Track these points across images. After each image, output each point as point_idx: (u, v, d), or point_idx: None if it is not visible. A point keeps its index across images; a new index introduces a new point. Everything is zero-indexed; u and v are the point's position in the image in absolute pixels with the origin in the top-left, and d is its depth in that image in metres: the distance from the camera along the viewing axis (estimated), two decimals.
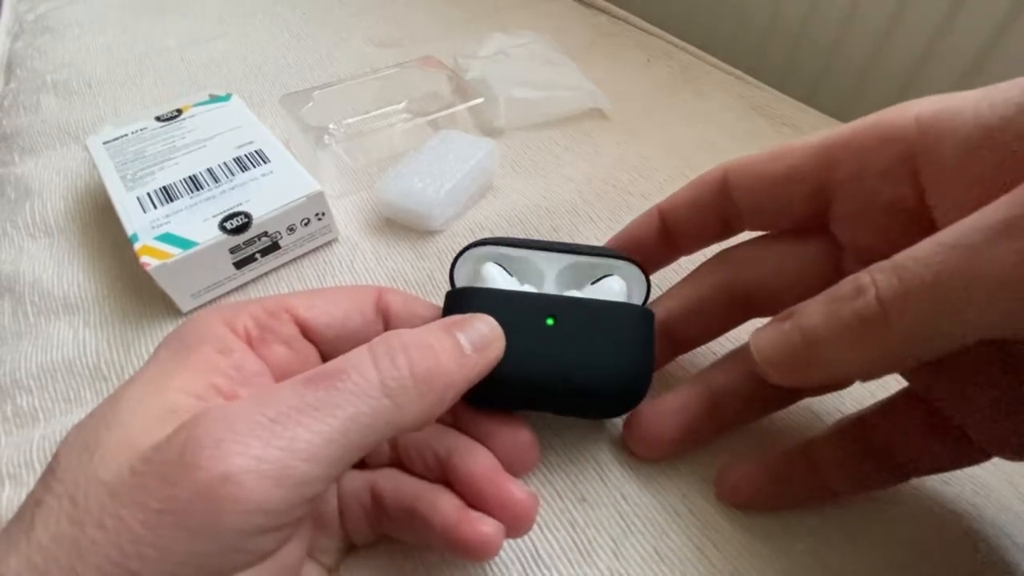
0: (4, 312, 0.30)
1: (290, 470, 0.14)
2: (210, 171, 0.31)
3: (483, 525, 0.18)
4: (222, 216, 0.28)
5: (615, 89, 0.42)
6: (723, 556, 0.21)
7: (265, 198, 0.29)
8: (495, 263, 0.23)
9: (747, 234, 0.23)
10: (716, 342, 0.25)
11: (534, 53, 0.43)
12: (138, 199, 0.29)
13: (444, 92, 0.38)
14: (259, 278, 0.31)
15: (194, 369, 0.17)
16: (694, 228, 0.23)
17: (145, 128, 0.34)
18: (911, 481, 0.21)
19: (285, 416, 0.14)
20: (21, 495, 0.19)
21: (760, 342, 0.17)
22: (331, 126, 0.35)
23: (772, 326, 0.17)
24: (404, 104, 0.38)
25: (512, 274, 0.23)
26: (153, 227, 0.28)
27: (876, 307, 0.14)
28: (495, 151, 0.35)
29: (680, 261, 0.25)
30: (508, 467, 0.19)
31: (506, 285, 0.22)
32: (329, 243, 0.33)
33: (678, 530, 0.21)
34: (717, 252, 0.23)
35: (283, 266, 0.32)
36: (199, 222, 0.28)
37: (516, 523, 0.18)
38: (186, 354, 0.17)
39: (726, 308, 0.23)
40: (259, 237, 0.29)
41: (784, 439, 0.24)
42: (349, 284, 0.31)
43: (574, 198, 0.35)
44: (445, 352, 0.17)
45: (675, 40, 0.49)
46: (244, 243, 0.29)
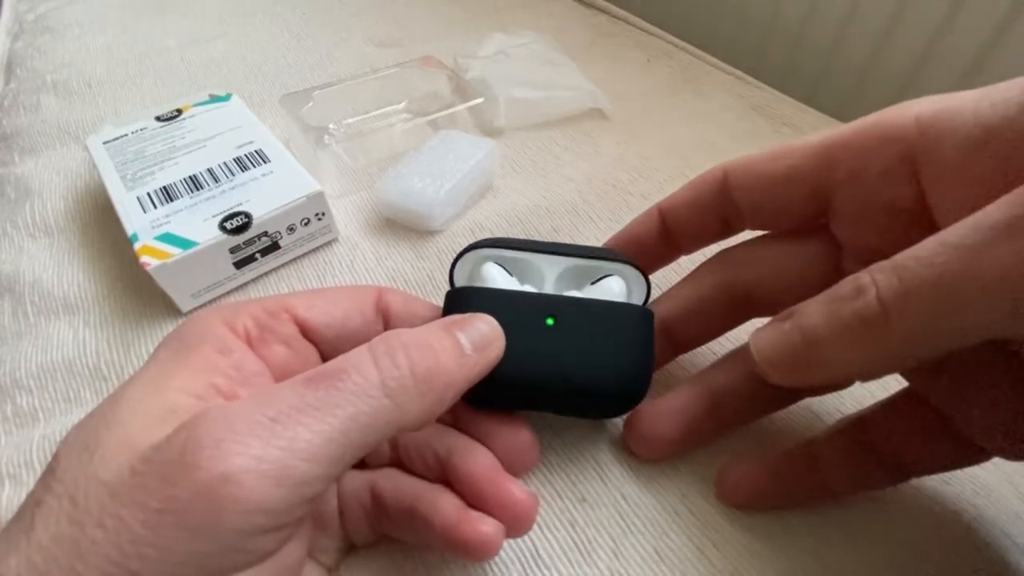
0: (4, 312, 0.30)
1: (290, 470, 0.14)
2: (210, 171, 0.31)
3: (483, 525, 0.18)
4: (222, 216, 0.28)
5: (615, 89, 0.42)
6: (723, 556, 0.21)
7: (265, 198, 0.29)
8: (495, 263, 0.23)
9: (747, 234, 0.23)
10: (716, 342, 0.25)
11: (534, 53, 0.43)
12: (138, 199, 0.29)
13: (444, 92, 0.38)
14: (259, 278, 0.31)
15: (194, 369, 0.16)
16: (694, 227, 0.23)
17: (145, 128, 0.34)
18: (911, 481, 0.21)
19: (285, 416, 0.14)
20: (21, 495, 0.19)
21: (760, 342, 0.17)
22: (331, 126, 0.35)
23: (772, 326, 0.17)
24: (404, 104, 0.38)
25: (512, 274, 0.23)
26: (153, 227, 0.28)
27: (876, 307, 0.14)
28: (495, 151, 0.35)
29: (680, 261, 0.25)
30: (508, 467, 0.19)
31: (506, 285, 0.22)
32: (329, 243, 0.33)
33: (678, 530, 0.21)
34: (717, 252, 0.23)
35: (283, 266, 0.32)
36: (199, 222, 0.28)
37: (516, 523, 0.18)
38: (186, 354, 0.17)
39: (726, 308, 0.23)
40: (259, 237, 0.29)
41: (784, 439, 0.24)
42: (349, 284, 0.31)
43: (574, 198, 0.35)
44: (445, 351, 0.17)
45: (675, 40, 0.49)
46: (244, 243, 0.29)
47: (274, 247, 0.30)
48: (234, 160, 0.31)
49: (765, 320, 0.18)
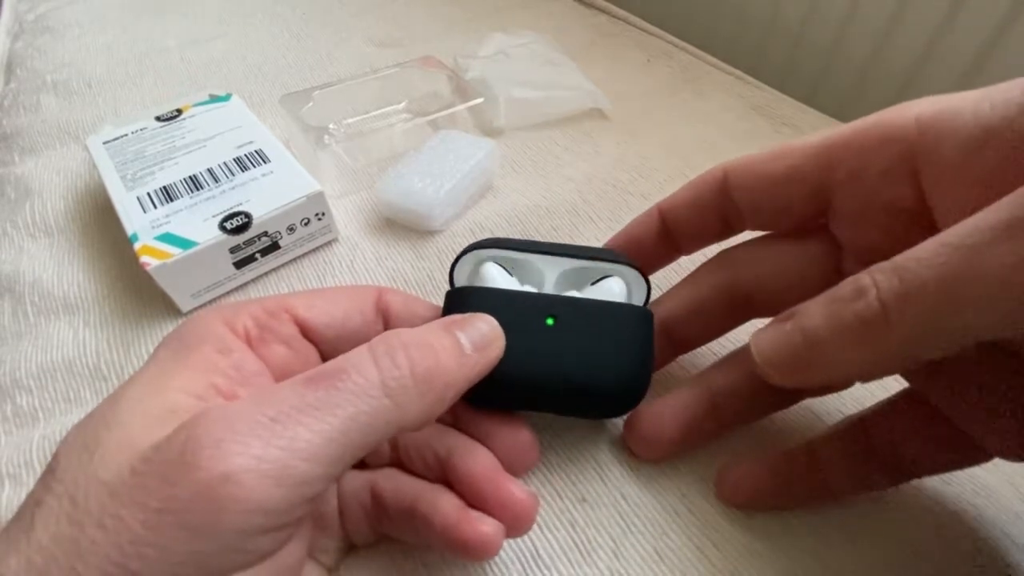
0: (4, 312, 0.30)
1: (290, 470, 0.14)
2: (210, 171, 0.31)
3: (483, 525, 0.18)
4: (222, 216, 0.28)
5: (615, 89, 0.42)
6: (723, 556, 0.21)
7: (265, 198, 0.29)
8: (495, 263, 0.23)
9: (747, 234, 0.23)
10: (716, 343, 0.25)
11: (534, 53, 0.43)
12: (138, 199, 0.29)
13: (444, 92, 0.38)
14: (259, 278, 0.31)
15: (194, 369, 0.16)
16: (694, 227, 0.23)
17: (145, 128, 0.34)
18: (911, 481, 0.21)
19: (285, 416, 0.14)
20: (21, 495, 0.19)
21: (761, 343, 0.17)
22: (331, 126, 0.35)
23: (773, 327, 0.17)
24: (404, 104, 0.38)
25: (512, 274, 0.23)
26: (153, 227, 0.28)
27: (877, 308, 0.14)
28: (495, 151, 0.35)
29: (680, 261, 0.25)
30: (508, 467, 0.19)
31: (506, 285, 0.22)
32: (329, 243, 0.33)
33: (678, 530, 0.21)
34: (717, 253, 0.23)
35: (283, 266, 0.32)
36: (199, 222, 0.28)
37: (516, 523, 0.18)
38: (186, 354, 0.17)
39: (726, 309, 0.23)
40: (259, 237, 0.29)
41: (784, 439, 0.24)
42: (349, 284, 0.31)
43: (574, 198, 0.35)
44: (445, 351, 0.17)
45: (675, 40, 0.49)
46: (244, 243, 0.29)
47: (274, 247, 0.30)
48: (234, 160, 0.31)
49: (765, 321, 0.18)
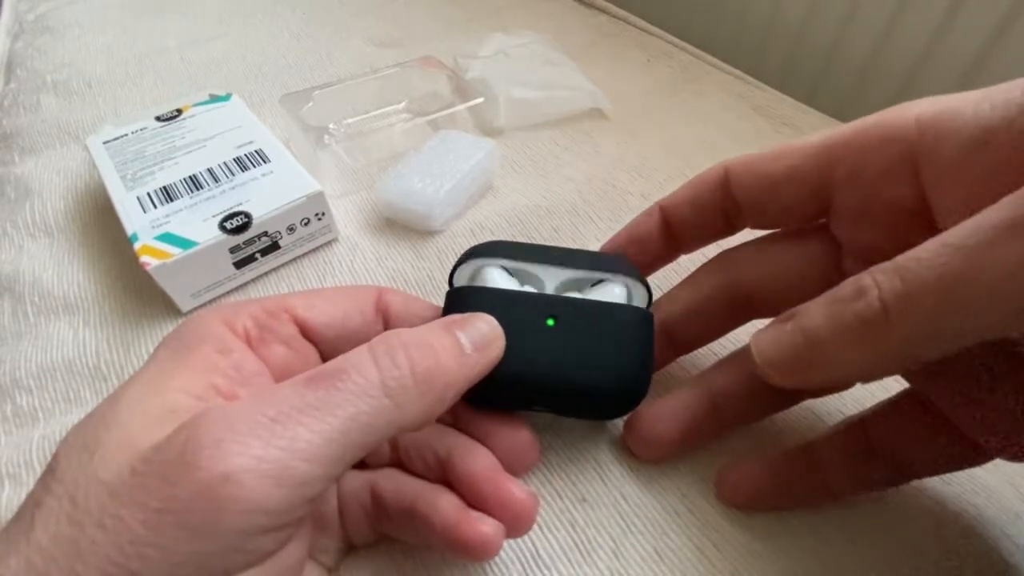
0: (4, 312, 0.30)
1: (291, 470, 0.14)
2: (210, 171, 0.31)
3: (483, 525, 0.18)
4: (222, 216, 0.28)
5: (615, 89, 0.42)
6: (723, 556, 0.21)
7: (265, 198, 0.29)
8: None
9: (747, 234, 0.23)
10: (716, 343, 0.24)
11: (534, 53, 0.43)
12: (138, 199, 0.29)
13: (444, 92, 0.38)
14: (259, 278, 0.31)
15: (194, 369, 0.16)
16: (696, 225, 0.23)
17: (145, 128, 0.34)
18: (911, 481, 0.21)
19: (285, 416, 0.14)
20: (21, 495, 0.19)
21: (761, 343, 0.17)
22: (331, 126, 0.35)
23: (773, 327, 0.17)
24: (404, 104, 0.38)
25: (512, 275, 0.23)
26: (153, 227, 0.28)
27: (878, 308, 0.14)
28: (495, 151, 0.35)
29: (680, 261, 0.25)
30: (508, 467, 0.19)
31: (506, 285, 0.22)
32: (329, 243, 0.33)
33: (678, 530, 0.21)
34: (717, 253, 0.23)
35: (283, 266, 0.32)
36: (199, 222, 0.28)
37: (516, 523, 0.18)
38: (186, 354, 0.17)
39: (726, 309, 0.23)
40: (259, 237, 0.29)
41: (784, 439, 0.24)
42: (349, 284, 0.31)
43: (574, 198, 0.35)
44: (445, 351, 0.17)
45: (675, 40, 0.49)
46: (244, 243, 0.29)
47: (274, 247, 0.30)
48: (234, 160, 0.31)
49: (765, 321, 0.18)
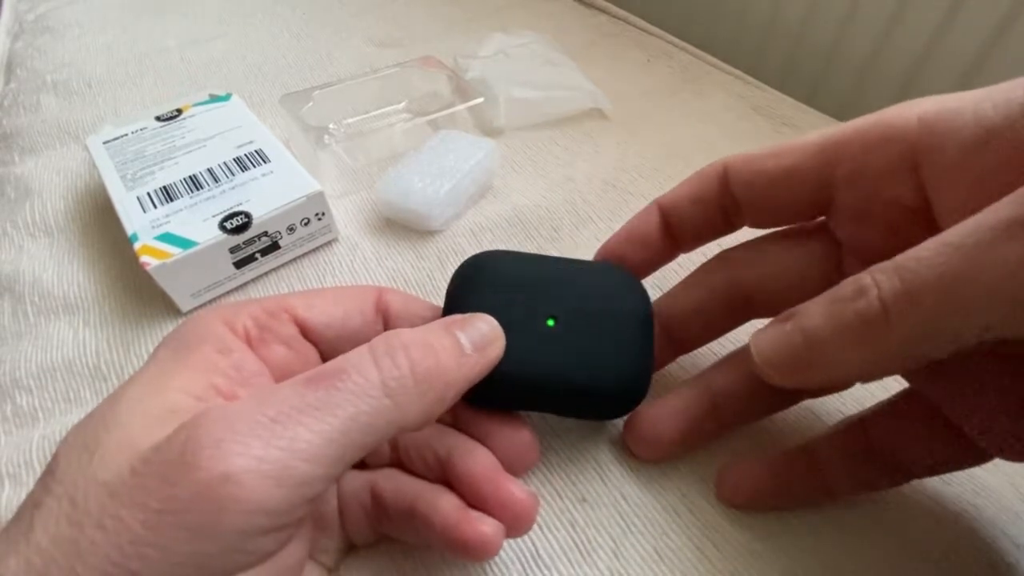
0: (4, 312, 0.30)
1: (291, 470, 0.14)
2: (210, 171, 0.31)
3: (483, 525, 0.18)
4: (222, 216, 0.28)
5: (615, 89, 0.42)
6: (723, 556, 0.21)
7: (265, 198, 0.29)
8: None
9: (747, 234, 0.23)
10: (716, 343, 0.24)
11: (534, 53, 0.43)
12: (138, 199, 0.29)
13: (444, 92, 0.38)
14: (259, 278, 0.31)
15: (194, 369, 0.16)
16: (695, 222, 0.23)
17: (145, 128, 0.34)
18: (911, 481, 0.21)
19: (286, 416, 0.14)
20: (21, 495, 0.19)
21: (760, 343, 0.17)
22: (331, 126, 0.35)
23: (772, 327, 0.17)
24: (404, 104, 0.38)
25: None
26: (153, 227, 0.28)
27: (878, 308, 0.14)
28: (495, 151, 0.35)
29: (679, 261, 0.25)
30: (508, 467, 0.19)
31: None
32: (329, 243, 0.33)
33: (678, 530, 0.21)
34: (717, 253, 0.23)
35: (283, 266, 0.32)
36: (199, 222, 0.28)
37: (516, 523, 0.18)
38: (186, 354, 0.17)
39: (726, 309, 0.23)
40: (259, 237, 0.29)
41: (784, 439, 0.24)
42: (349, 284, 0.31)
43: (574, 198, 0.35)
44: (445, 351, 0.17)
45: (675, 40, 0.49)
46: (244, 243, 0.29)
47: (274, 247, 0.30)
48: (234, 160, 0.31)
49: (765, 321, 0.18)
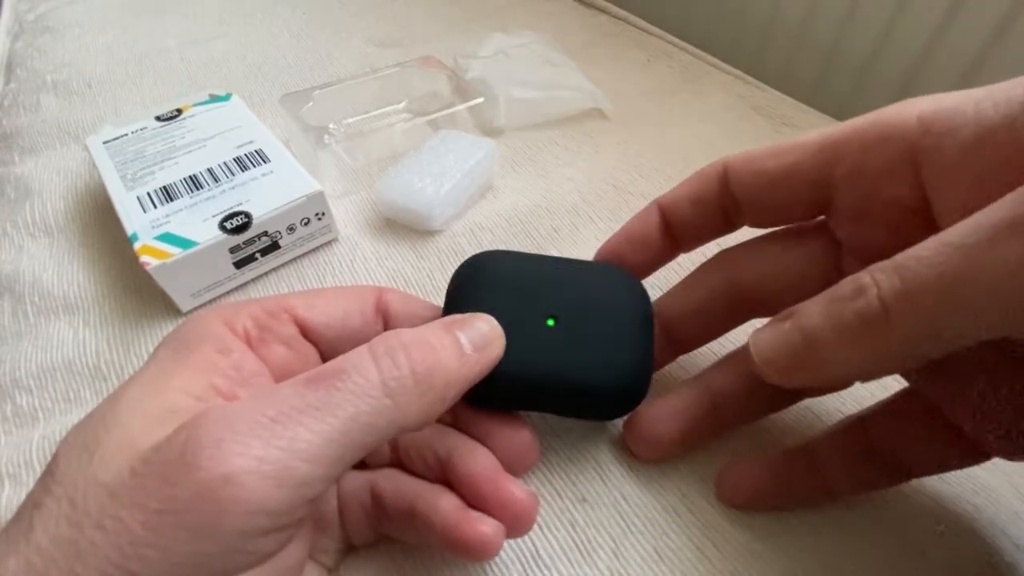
0: (4, 312, 0.30)
1: (291, 470, 0.14)
2: (210, 171, 0.31)
3: (483, 525, 0.18)
4: (222, 216, 0.28)
5: (615, 89, 0.42)
6: (723, 556, 0.21)
7: (265, 198, 0.29)
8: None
9: (747, 233, 0.23)
10: (716, 343, 0.24)
11: (534, 53, 0.43)
12: (138, 199, 0.29)
13: (444, 92, 0.38)
14: (259, 278, 0.31)
15: (194, 369, 0.16)
16: (695, 222, 0.23)
17: (145, 128, 0.34)
18: (911, 481, 0.21)
19: (286, 416, 0.14)
20: (21, 495, 0.19)
21: (759, 342, 0.17)
22: (331, 126, 0.35)
23: (771, 326, 0.17)
24: (404, 104, 0.38)
25: None
26: (153, 227, 0.28)
27: (877, 307, 0.14)
28: (495, 151, 0.35)
29: (679, 260, 0.25)
30: (508, 467, 0.19)
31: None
32: (329, 243, 0.33)
33: (678, 530, 0.21)
34: (717, 253, 0.23)
35: (283, 266, 0.32)
36: (199, 222, 0.28)
37: (516, 523, 0.18)
38: (186, 354, 0.17)
39: (726, 309, 0.23)
40: (259, 237, 0.29)
41: (784, 439, 0.24)
42: (349, 284, 0.31)
43: (574, 198, 0.35)
44: (445, 351, 0.17)
45: (675, 40, 0.49)
46: (244, 243, 0.29)
47: (274, 247, 0.30)
48: (234, 160, 0.31)
49: (765, 320, 0.18)
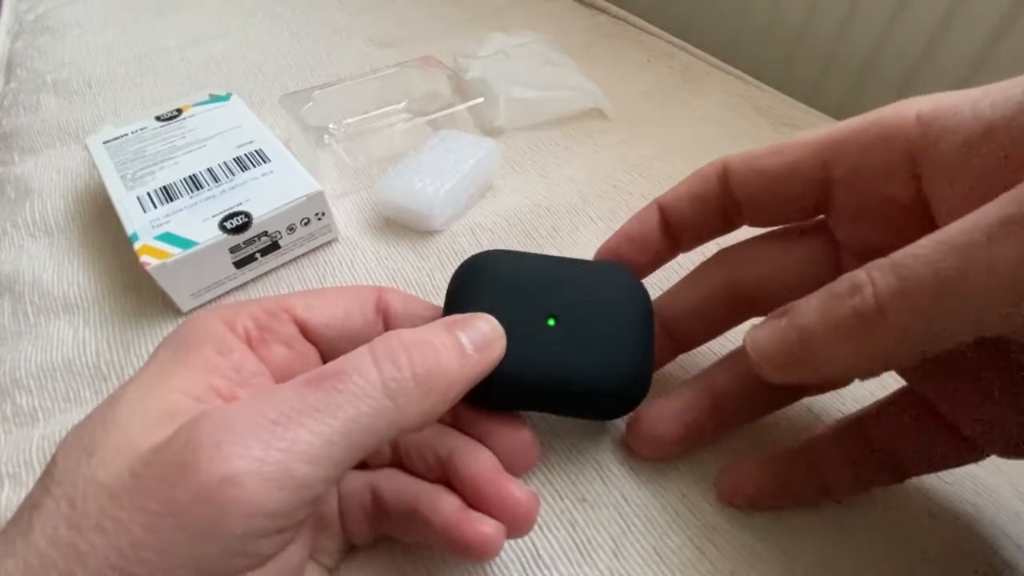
0: (4, 312, 0.30)
1: (291, 472, 0.14)
2: (210, 171, 0.31)
3: (484, 525, 0.18)
4: (222, 216, 0.28)
5: (615, 89, 0.42)
6: (723, 556, 0.21)
7: (265, 198, 0.29)
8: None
9: (746, 232, 0.23)
10: (716, 342, 0.24)
11: (534, 53, 0.43)
12: (138, 199, 0.29)
13: (444, 92, 0.38)
14: (259, 278, 0.31)
15: (193, 370, 0.16)
16: (695, 221, 0.23)
17: (145, 128, 0.34)
18: (911, 481, 0.21)
19: (286, 417, 0.14)
20: (20, 495, 0.19)
21: (756, 339, 0.17)
22: (331, 126, 0.35)
23: (768, 323, 0.17)
24: (404, 104, 0.38)
25: None
26: (153, 226, 0.28)
27: (873, 305, 0.14)
28: (495, 151, 0.35)
29: (679, 260, 0.25)
30: (508, 467, 0.19)
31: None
32: (329, 243, 0.33)
33: (678, 530, 0.21)
34: (717, 252, 0.23)
35: (283, 266, 0.32)
36: (199, 222, 0.28)
37: (517, 523, 0.18)
38: (185, 354, 0.17)
39: (726, 308, 0.23)
40: (259, 237, 0.29)
41: (784, 439, 0.24)
42: (349, 284, 0.31)
43: (574, 198, 0.35)
44: (446, 351, 0.17)
45: (675, 40, 0.49)
46: (244, 243, 0.29)
47: (274, 247, 0.30)
48: (234, 160, 0.31)
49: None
